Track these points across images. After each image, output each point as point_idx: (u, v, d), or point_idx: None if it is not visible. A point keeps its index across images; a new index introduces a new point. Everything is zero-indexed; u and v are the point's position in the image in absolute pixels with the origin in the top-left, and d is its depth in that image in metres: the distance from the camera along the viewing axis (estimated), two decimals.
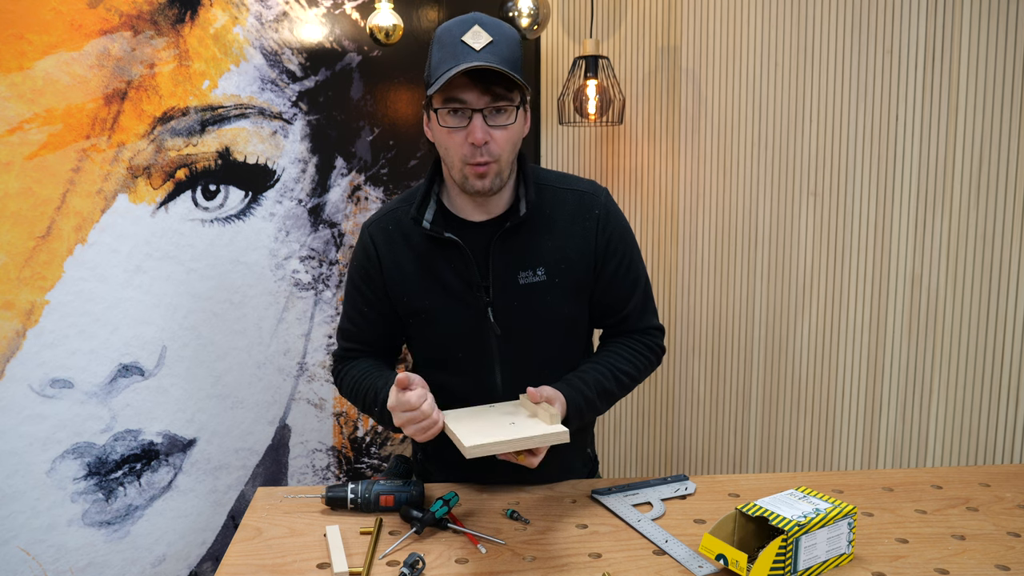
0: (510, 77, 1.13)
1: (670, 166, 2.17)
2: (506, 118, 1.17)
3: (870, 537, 1.10)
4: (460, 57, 1.13)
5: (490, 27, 1.16)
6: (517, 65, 1.18)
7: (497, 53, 1.14)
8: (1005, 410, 1.73)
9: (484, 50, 1.14)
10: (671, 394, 2.25)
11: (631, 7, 2.21)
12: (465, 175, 1.19)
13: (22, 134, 1.64)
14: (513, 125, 1.18)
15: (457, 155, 1.18)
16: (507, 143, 1.18)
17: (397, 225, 1.28)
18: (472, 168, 1.18)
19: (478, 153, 1.16)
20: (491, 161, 1.18)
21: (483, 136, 1.15)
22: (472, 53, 1.13)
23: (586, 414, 1.22)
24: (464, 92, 1.14)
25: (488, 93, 1.14)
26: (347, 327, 1.35)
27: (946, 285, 1.77)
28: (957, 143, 1.73)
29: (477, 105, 1.15)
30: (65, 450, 1.74)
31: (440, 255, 1.25)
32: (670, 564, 1.03)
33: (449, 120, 1.17)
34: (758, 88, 1.99)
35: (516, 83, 1.15)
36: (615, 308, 1.33)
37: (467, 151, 1.17)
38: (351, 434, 2.15)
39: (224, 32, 1.85)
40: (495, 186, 1.20)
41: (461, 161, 1.18)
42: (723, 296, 2.11)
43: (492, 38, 1.15)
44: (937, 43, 1.73)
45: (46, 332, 1.69)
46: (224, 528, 1.98)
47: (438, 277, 1.25)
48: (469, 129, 1.15)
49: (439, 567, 1.03)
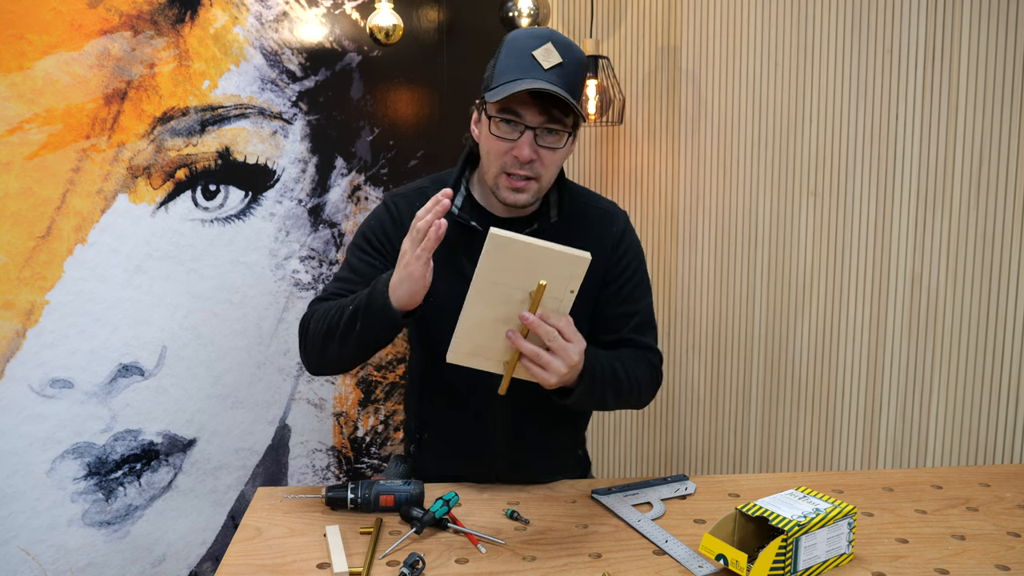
0: (568, 103, 1.12)
1: (670, 166, 2.17)
2: (556, 140, 1.18)
3: (870, 537, 1.10)
4: (527, 72, 1.13)
5: (562, 48, 1.15)
6: (578, 92, 1.18)
7: (563, 76, 1.14)
8: (1005, 410, 1.73)
9: (552, 70, 1.13)
10: (671, 394, 2.25)
11: (631, 7, 2.21)
12: (499, 184, 1.19)
13: (22, 134, 1.64)
14: (562, 149, 1.19)
15: (497, 162, 1.18)
16: (552, 165, 1.19)
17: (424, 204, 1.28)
18: (508, 179, 1.18)
19: (519, 167, 1.16)
20: (532, 178, 1.18)
21: (530, 154, 1.15)
22: (540, 71, 1.12)
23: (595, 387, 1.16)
24: (522, 107, 1.14)
25: (545, 114, 1.14)
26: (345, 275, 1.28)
27: (946, 285, 1.77)
28: (957, 143, 1.73)
29: (532, 123, 1.15)
30: (65, 450, 1.74)
31: (461, 243, 1.25)
32: (670, 564, 1.03)
33: (500, 127, 1.17)
34: (758, 88, 1.98)
35: (573, 110, 1.15)
36: (616, 326, 1.32)
37: (509, 160, 1.17)
38: (351, 434, 2.15)
39: (224, 32, 1.85)
40: (529, 203, 1.21)
41: (499, 168, 1.18)
42: (723, 296, 2.11)
43: (562, 60, 1.14)
44: (937, 43, 1.73)
45: (46, 332, 1.69)
46: (224, 528, 1.98)
47: (455, 263, 1.25)
48: (518, 143, 1.16)
49: (439, 567, 1.03)
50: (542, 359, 1.03)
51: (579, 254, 0.99)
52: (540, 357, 1.03)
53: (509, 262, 0.99)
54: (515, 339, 1.03)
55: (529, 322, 1.01)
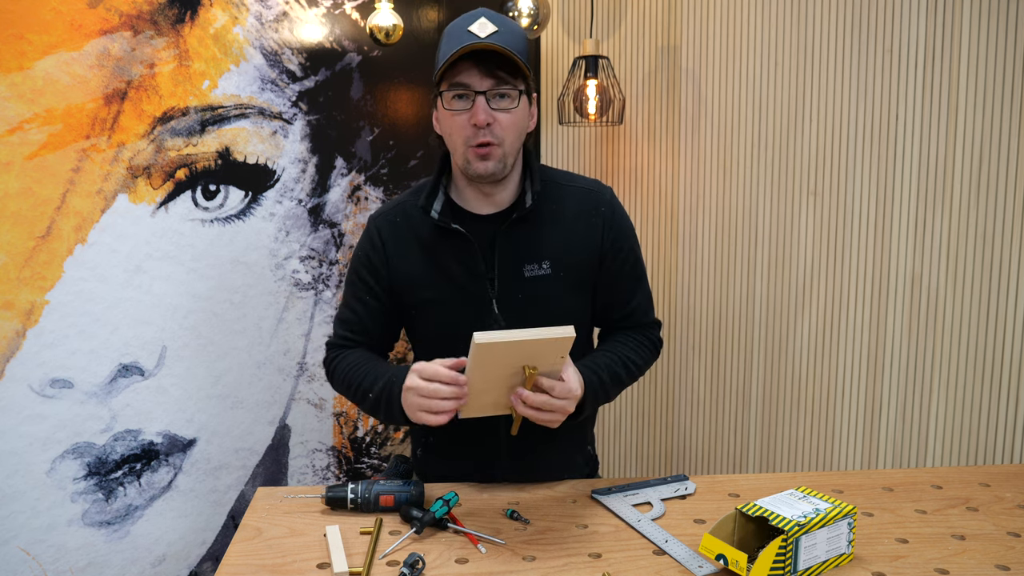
0: (514, 61, 1.16)
1: (670, 166, 2.17)
2: (509, 102, 1.20)
3: (870, 537, 1.10)
4: (465, 43, 1.15)
5: (496, 20, 1.19)
6: (523, 54, 1.20)
7: (502, 41, 1.16)
8: (1005, 410, 1.73)
9: (489, 37, 1.16)
10: (671, 394, 2.25)
11: (631, 7, 2.21)
12: (468, 159, 1.21)
13: (22, 134, 1.64)
14: (516, 110, 1.21)
15: (460, 137, 1.20)
16: (511, 127, 1.21)
17: (405, 217, 1.30)
18: (474, 150, 1.20)
19: (480, 134, 1.18)
20: (494, 144, 1.19)
21: (485, 117, 1.17)
22: (477, 40, 1.16)
23: (599, 397, 1.23)
24: (467, 76, 1.17)
25: (491, 76, 1.17)
26: (346, 315, 1.35)
27: (946, 285, 1.77)
28: (957, 143, 1.73)
29: (480, 87, 1.17)
30: (65, 450, 1.74)
31: (447, 247, 1.26)
32: (670, 564, 1.03)
33: (454, 104, 1.19)
34: (758, 88, 1.98)
35: (520, 70, 1.18)
36: (620, 304, 1.34)
37: (470, 132, 1.19)
38: (351, 434, 2.15)
39: (224, 32, 1.85)
40: (498, 170, 1.22)
41: (464, 144, 1.20)
42: (723, 296, 2.11)
43: (497, 28, 1.17)
44: (937, 43, 1.73)
45: (46, 332, 1.69)
46: (224, 528, 1.98)
47: (444, 268, 1.26)
48: (472, 111, 1.18)
49: (439, 567, 1.03)
50: (543, 416, 1.12)
51: (562, 334, 1.03)
52: (541, 415, 1.11)
53: (497, 358, 1.04)
54: (516, 405, 1.10)
55: (524, 397, 1.09)
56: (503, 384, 1.10)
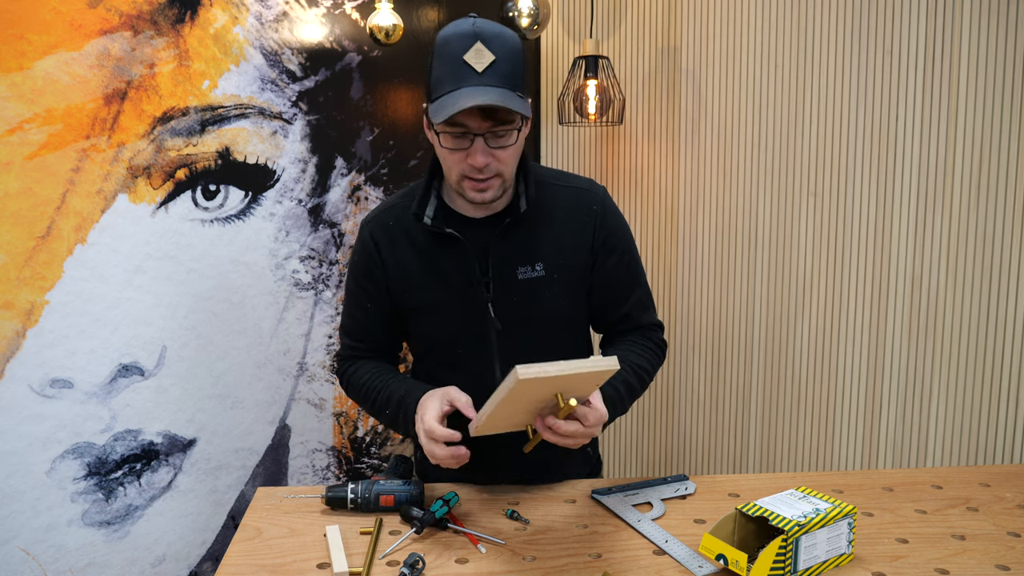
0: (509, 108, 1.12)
1: (670, 166, 2.17)
2: (507, 140, 1.17)
3: (870, 537, 1.10)
4: (462, 80, 1.11)
5: (491, 42, 1.13)
6: (520, 79, 1.16)
7: (500, 74, 1.12)
8: (1005, 410, 1.73)
9: (487, 72, 1.12)
10: (671, 394, 2.25)
11: (631, 7, 2.21)
12: (463, 187, 1.19)
13: (22, 134, 1.64)
14: (515, 145, 1.18)
15: (456, 170, 1.18)
16: (509, 160, 1.18)
17: (397, 221, 1.29)
18: (472, 183, 1.18)
19: (478, 173, 1.16)
20: (493, 177, 1.18)
21: (484, 160, 1.15)
22: (474, 76, 1.11)
23: (618, 412, 1.21)
24: (465, 119, 1.13)
25: (490, 119, 1.13)
26: (349, 324, 1.35)
27: (946, 285, 1.77)
28: (957, 143, 1.73)
29: (478, 130, 1.14)
30: (65, 450, 1.74)
31: (441, 250, 1.25)
32: (670, 564, 1.03)
33: (450, 142, 1.16)
34: (758, 88, 1.99)
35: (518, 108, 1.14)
36: (616, 305, 1.33)
37: (466, 168, 1.17)
38: (351, 434, 2.15)
39: (224, 32, 1.85)
40: (496, 197, 1.21)
41: (459, 175, 1.18)
42: (723, 296, 2.11)
43: (494, 56, 1.12)
44: (937, 43, 1.73)
45: (46, 332, 1.69)
46: (224, 528, 1.98)
47: (439, 272, 1.26)
48: (471, 152, 1.15)
49: (439, 567, 1.03)
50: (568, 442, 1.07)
51: (606, 366, 0.97)
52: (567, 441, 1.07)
53: (534, 389, 0.97)
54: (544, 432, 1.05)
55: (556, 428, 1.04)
56: (529, 409, 1.05)
